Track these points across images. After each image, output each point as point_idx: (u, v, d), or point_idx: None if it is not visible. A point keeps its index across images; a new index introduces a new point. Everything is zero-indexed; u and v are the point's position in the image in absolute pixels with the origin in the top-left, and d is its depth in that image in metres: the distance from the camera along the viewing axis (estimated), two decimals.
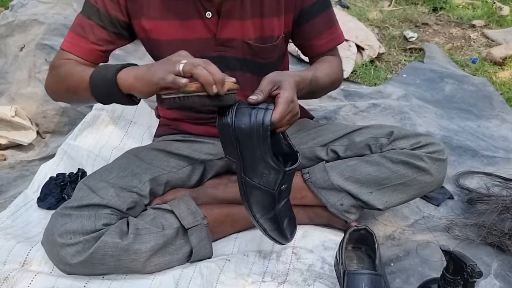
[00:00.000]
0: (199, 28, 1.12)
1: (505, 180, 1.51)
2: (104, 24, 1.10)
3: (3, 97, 1.85)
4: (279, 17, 1.15)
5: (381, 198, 1.18)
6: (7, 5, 2.31)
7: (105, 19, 1.10)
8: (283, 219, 1.03)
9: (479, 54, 2.60)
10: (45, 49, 1.86)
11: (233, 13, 1.11)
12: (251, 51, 1.16)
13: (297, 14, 1.17)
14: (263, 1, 1.12)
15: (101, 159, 1.48)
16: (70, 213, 1.03)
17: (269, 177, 0.97)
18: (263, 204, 1.00)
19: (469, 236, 1.28)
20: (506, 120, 1.92)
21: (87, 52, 1.11)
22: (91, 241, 1.00)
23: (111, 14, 1.09)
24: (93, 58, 1.12)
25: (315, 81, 1.11)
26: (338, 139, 1.24)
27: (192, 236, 1.10)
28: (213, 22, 1.11)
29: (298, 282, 1.08)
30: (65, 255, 1.00)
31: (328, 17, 1.22)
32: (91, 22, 1.09)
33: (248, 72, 1.19)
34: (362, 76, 2.29)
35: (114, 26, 1.11)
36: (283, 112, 0.93)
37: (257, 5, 1.12)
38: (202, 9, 1.10)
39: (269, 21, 1.14)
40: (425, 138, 1.19)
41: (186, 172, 1.23)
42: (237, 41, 1.14)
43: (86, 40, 1.10)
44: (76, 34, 1.11)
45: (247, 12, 1.11)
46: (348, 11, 2.89)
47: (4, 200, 1.39)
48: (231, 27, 1.12)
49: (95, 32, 1.10)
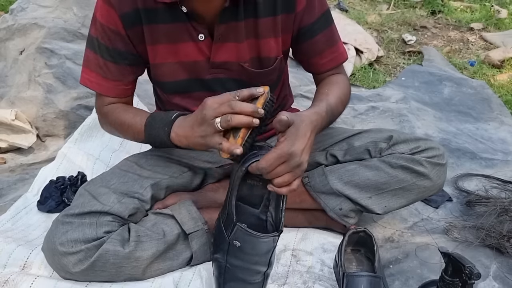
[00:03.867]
0: (191, 51, 1.09)
1: (503, 182, 1.52)
2: (116, 59, 1.10)
3: (3, 101, 1.86)
4: (276, 38, 1.10)
5: (380, 203, 1.17)
6: (7, 9, 2.32)
7: (116, 54, 1.09)
8: (227, 281, 0.97)
9: (478, 57, 2.61)
10: (45, 52, 1.86)
11: (227, 36, 1.07)
12: (247, 74, 1.13)
13: (295, 32, 1.13)
14: (258, 22, 1.07)
15: (101, 162, 1.49)
16: (71, 220, 1.03)
17: (225, 220, 0.97)
18: (216, 240, 1.00)
19: (467, 238, 1.28)
20: (504, 123, 1.93)
21: (117, 91, 1.15)
22: (92, 249, 1.00)
23: (119, 48, 1.09)
24: (125, 95, 1.16)
25: (330, 111, 1.07)
26: (337, 143, 1.24)
27: (193, 242, 1.10)
28: (206, 44, 1.08)
29: (297, 285, 1.08)
30: (66, 264, 1.00)
31: (329, 35, 1.16)
32: (105, 61, 1.10)
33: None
34: (361, 79, 2.29)
35: (126, 58, 1.11)
36: (271, 161, 0.88)
37: (252, 26, 1.07)
38: (194, 32, 1.06)
39: (265, 42, 1.10)
40: (425, 143, 1.18)
41: (187, 177, 1.23)
42: (232, 64, 1.11)
43: (109, 80, 1.12)
44: (99, 75, 1.12)
45: (241, 34, 1.07)
46: (347, 15, 2.90)
47: (4, 203, 1.40)
48: (225, 50, 1.08)
49: (111, 69, 1.11)
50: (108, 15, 1.05)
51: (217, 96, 0.93)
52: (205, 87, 1.14)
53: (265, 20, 1.07)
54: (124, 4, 1.03)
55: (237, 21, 1.05)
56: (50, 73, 1.84)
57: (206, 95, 1.13)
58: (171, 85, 1.15)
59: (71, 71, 1.85)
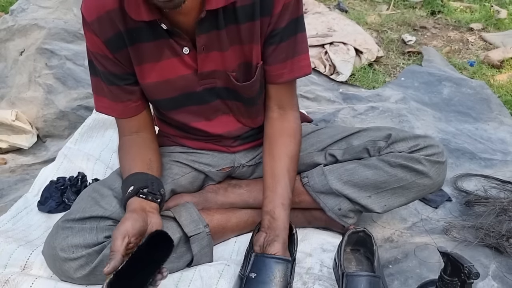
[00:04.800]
0: (177, 66, 1.06)
1: (502, 182, 1.52)
2: (116, 82, 1.09)
3: (3, 101, 1.86)
4: (256, 44, 1.05)
5: (380, 202, 1.17)
6: (7, 10, 2.32)
7: (113, 77, 1.08)
8: None
9: (477, 57, 2.61)
10: (45, 53, 1.87)
11: (210, 45, 1.04)
12: (233, 84, 1.10)
13: (267, 35, 1.06)
14: (239, 27, 1.02)
15: (101, 163, 1.49)
16: (71, 226, 1.03)
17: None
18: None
19: (467, 238, 1.29)
20: (503, 123, 1.93)
21: (129, 111, 1.13)
22: (93, 254, 1.00)
23: (114, 72, 1.07)
24: (136, 112, 1.15)
25: (290, 198, 1.10)
26: (336, 143, 1.24)
27: (194, 244, 1.10)
28: (192, 57, 1.05)
29: (297, 285, 1.08)
30: (68, 269, 1.00)
31: (294, 44, 1.08)
32: (107, 86, 1.09)
33: (239, 102, 1.15)
34: (361, 79, 2.30)
35: (124, 79, 1.09)
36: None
37: (234, 32, 1.03)
38: (177, 47, 1.03)
39: (249, 48, 1.06)
40: (424, 140, 1.17)
41: (189, 178, 1.23)
42: (220, 72, 1.08)
43: (118, 102, 1.11)
44: (109, 99, 1.11)
45: (225, 42, 1.04)
46: (346, 15, 2.90)
47: (4, 203, 1.40)
48: (211, 59, 1.06)
49: (115, 92, 1.10)
50: (94, 42, 1.03)
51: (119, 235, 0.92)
52: (198, 100, 1.13)
53: (245, 26, 1.03)
54: (106, 29, 1.01)
55: (218, 30, 1.02)
56: (51, 73, 1.84)
57: (200, 108, 1.14)
58: (164, 102, 1.14)
59: (71, 72, 1.85)
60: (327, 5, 2.99)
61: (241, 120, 1.20)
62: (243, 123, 1.21)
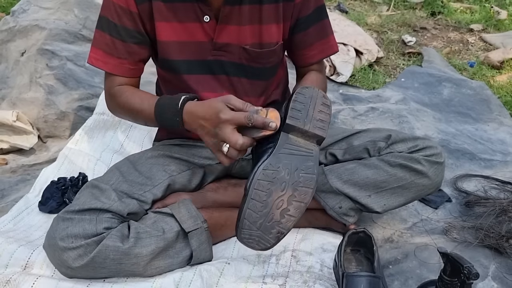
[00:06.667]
0: (197, 31, 1.13)
1: (502, 183, 1.52)
2: (123, 37, 1.13)
3: (4, 102, 1.87)
4: (278, 24, 1.15)
5: (380, 201, 1.19)
6: (8, 11, 2.33)
7: (123, 32, 1.13)
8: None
9: (477, 58, 2.62)
10: (46, 54, 1.87)
11: (230, 18, 1.12)
12: (248, 56, 1.17)
13: (293, 23, 1.18)
14: (262, 7, 1.12)
15: (102, 163, 1.49)
16: (71, 217, 1.04)
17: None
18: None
19: (467, 239, 1.29)
20: (503, 124, 1.93)
21: (122, 70, 1.17)
22: (92, 244, 1.01)
23: (127, 26, 1.12)
24: (130, 74, 1.19)
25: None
26: (336, 143, 1.26)
27: (193, 240, 1.11)
28: (211, 26, 1.13)
29: (298, 284, 1.09)
30: (66, 259, 1.01)
31: (321, 28, 1.21)
32: (112, 39, 1.13)
33: (244, 78, 1.21)
34: (361, 80, 2.30)
35: (133, 37, 1.14)
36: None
37: (256, 11, 1.13)
38: (200, 13, 1.11)
39: (268, 28, 1.15)
40: (423, 141, 1.20)
41: (187, 176, 1.24)
42: (233, 46, 1.15)
43: (114, 57, 1.15)
44: (104, 52, 1.15)
45: (245, 18, 1.12)
46: (347, 16, 2.90)
47: (5, 204, 1.40)
48: (228, 32, 1.13)
49: (117, 46, 1.14)
50: None
51: (234, 101, 1.00)
52: (206, 69, 1.18)
53: (269, 6, 1.12)
54: None
55: (241, 5, 1.11)
56: (51, 74, 1.85)
57: (207, 78, 1.19)
58: (178, 64, 1.17)
59: (72, 73, 1.86)
60: (327, 6, 2.99)
61: (244, 99, 1.21)
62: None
